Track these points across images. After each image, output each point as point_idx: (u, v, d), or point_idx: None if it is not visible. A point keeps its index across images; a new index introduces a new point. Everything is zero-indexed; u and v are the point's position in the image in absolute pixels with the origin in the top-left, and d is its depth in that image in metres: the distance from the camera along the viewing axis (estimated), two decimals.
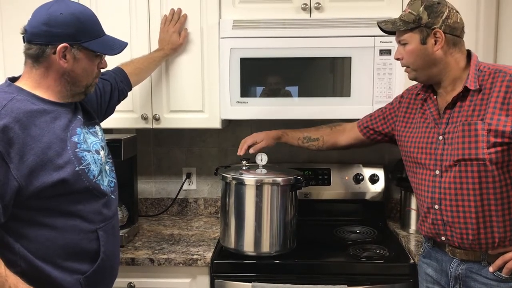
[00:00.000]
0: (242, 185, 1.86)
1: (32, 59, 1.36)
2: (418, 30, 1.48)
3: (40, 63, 1.35)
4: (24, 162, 1.24)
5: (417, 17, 1.47)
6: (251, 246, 1.87)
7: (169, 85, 2.11)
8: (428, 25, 1.47)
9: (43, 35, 1.32)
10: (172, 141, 2.49)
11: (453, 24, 1.48)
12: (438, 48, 1.48)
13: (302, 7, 2.02)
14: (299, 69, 2.01)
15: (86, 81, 1.42)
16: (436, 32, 1.47)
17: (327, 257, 1.92)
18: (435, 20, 1.46)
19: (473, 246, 1.49)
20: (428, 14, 1.46)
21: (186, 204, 2.51)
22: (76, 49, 1.35)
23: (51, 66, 1.35)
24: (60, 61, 1.34)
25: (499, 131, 1.40)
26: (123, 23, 2.05)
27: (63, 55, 1.34)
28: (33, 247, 1.30)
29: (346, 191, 2.33)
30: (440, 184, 1.52)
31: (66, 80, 1.38)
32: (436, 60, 1.49)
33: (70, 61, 1.35)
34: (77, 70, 1.38)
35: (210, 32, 2.06)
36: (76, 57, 1.36)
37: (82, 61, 1.37)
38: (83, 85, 1.42)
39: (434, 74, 1.53)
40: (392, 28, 1.52)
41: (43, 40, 1.33)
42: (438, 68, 1.51)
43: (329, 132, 1.96)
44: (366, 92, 1.99)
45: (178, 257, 1.87)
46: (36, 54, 1.34)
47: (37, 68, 1.36)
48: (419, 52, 1.50)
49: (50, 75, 1.36)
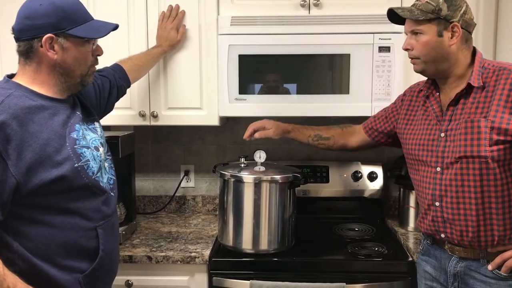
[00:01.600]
0: (240, 183, 1.85)
1: (24, 56, 1.35)
2: (436, 21, 1.45)
3: (31, 58, 1.34)
4: (22, 159, 1.23)
5: (437, 8, 1.43)
6: (249, 244, 1.86)
7: (167, 82, 2.10)
8: (447, 18, 1.44)
9: (27, 29, 1.31)
10: (170, 138, 2.48)
11: (469, 20, 1.47)
12: (454, 42, 1.45)
13: (300, 4, 2.01)
14: (297, 66, 2.00)
15: (80, 70, 1.39)
16: (454, 25, 1.44)
17: (326, 255, 1.92)
18: (454, 13, 1.44)
19: (472, 243, 1.49)
20: (448, 7, 1.43)
21: (184, 202, 2.50)
22: (63, 38, 1.33)
23: (41, 60, 1.34)
24: (48, 53, 1.32)
25: (502, 128, 1.40)
26: (121, 19, 2.02)
27: (51, 47, 1.32)
28: (31, 245, 1.29)
29: (345, 189, 2.32)
30: (441, 181, 1.51)
31: (59, 72, 1.36)
32: (449, 54, 1.47)
33: (59, 52, 1.33)
34: (68, 60, 1.35)
35: (208, 28, 2.05)
36: (64, 46, 1.34)
37: (71, 50, 1.35)
38: (78, 75, 1.40)
39: (443, 69, 1.50)
40: (410, 16, 1.47)
41: (28, 35, 1.31)
42: (448, 63, 1.49)
43: (340, 132, 1.94)
44: (365, 89, 1.98)
45: (176, 255, 1.86)
46: (25, 50, 1.33)
47: (29, 64, 1.35)
48: (434, 45, 1.46)
49: (43, 70, 1.35)
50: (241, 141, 2.21)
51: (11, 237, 1.27)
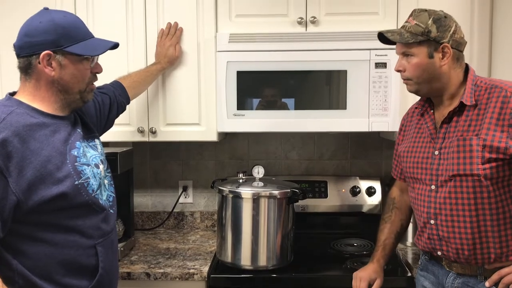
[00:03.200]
0: (239, 198, 1.85)
1: (24, 73, 1.36)
2: (426, 43, 1.45)
3: (30, 75, 1.35)
4: (23, 176, 1.23)
5: (426, 30, 1.44)
6: (248, 260, 1.86)
7: (166, 98, 2.11)
8: (437, 39, 1.44)
9: (26, 46, 1.32)
10: (168, 154, 2.49)
11: (459, 39, 1.48)
12: (445, 62, 1.46)
13: (298, 21, 2.03)
14: (295, 82, 2.02)
15: (78, 87, 1.39)
16: (444, 46, 1.45)
17: (325, 271, 1.91)
18: (443, 34, 1.44)
19: (469, 261, 1.48)
20: (437, 28, 1.44)
21: (183, 218, 2.49)
22: (61, 55, 1.34)
23: (40, 76, 1.34)
24: (46, 70, 1.33)
25: (494, 146, 1.40)
26: (120, 37, 2.05)
27: (48, 63, 1.33)
28: (31, 263, 1.28)
29: (343, 204, 2.32)
30: (435, 199, 1.51)
31: (57, 88, 1.36)
32: (441, 74, 1.48)
33: (56, 69, 1.34)
34: (65, 77, 1.36)
35: (207, 45, 2.07)
36: (62, 63, 1.34)
37: (68, 67, 1.35)
38: (76, 92, 1.39)
39: (436, 88, 1.51)
40: (399, 39, 1.47)
41: (27, 52, 1.33)
42: (441, 83, 1.50)
43: (389, 226, 1.75)
44: (362, 104, 2.00)
45: (174, 271, 1.85)
46: (24, 66, 1.34)
47: (29, 80, 1.36)
48: (425, 66, 1.47)
49: (42, 86, 1.36)
50: (240, 157, 2.24)
51: (11, 255, 1.27)
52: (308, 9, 2.04)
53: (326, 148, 2.45)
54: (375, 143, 2.43)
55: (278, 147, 2.46)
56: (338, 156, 2.46)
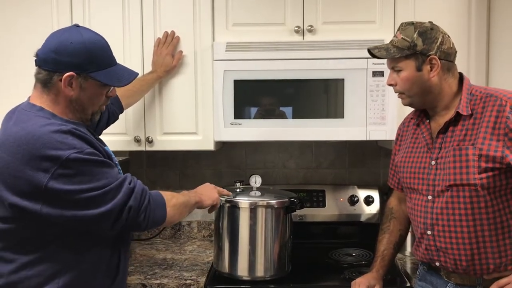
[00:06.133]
0: (236, 208, 1.84)
1: (41, 84, 1.36)
2: (413, 57, 1.45)
3: (49, 89, 1.36)
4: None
5: (412, 44, 1.44)
6: (245, 271, 1.84)
7: (162, 107, 2.10)
8: (423, 52, 1.44)
9: (51, 62, 1.33)
10: (165, 163, 2.48)
11: (447, 49, 1.47)
12: (434, 74, 1.46)
13: (295, 30, 2.03)
14: (292, 91, 2.01)
15: (92, 109, 1.43)
16: (432, 58, 1.44)
17: (323, 281, 1.89)
18: (430, 46, 1.44)
19: (467, 271, 1.47)
20: (423, 41, 1.44)
21: (179, 228, 2.48)
22: (83, 79, 1.35)
23: (59, 93, 1.36)
24: (65, 89, 1.34)
25: (490, 156, 1.39)
26: (116, 45, 2.03)
27: (69, 83, 1.34)
28: (74, 275, 1.35)
29: (341, 213, 2.31)
30: (432, 210, 1.50)
31: (75, 107, 1.39)
32: (432, 86, 1.47)
33: (76, 90, 1.35)
34: (83, 99, 1.38)
35: (204, 54, 2.06)
36: (82, 86, 1.36)
37: (88, 90, 1.37)
38: (89, 113, 1.43)
39: (429, 100, 1.51)
40: (386, 55, 1.48)
41: (50, 67, 1.33)
42: (433, 94, 1.49)
43: (388, 236, 1.73)
44: (360, 113, 1.99)
45: (171, 282, 1.83)
46: (44, 79, 1.35)
47: (47, 94, 1.36)
48: (414, 79, 1.47)
49: (61, 102, 1.37)
50: (237, 166, 2.22)
51: (60, 265, 1.33)
52: (305, 18, 2.04)
53: (324, 157, 2.45)
54: (373, 152, 2.43)
55: (276, 156, 2.45)
56: (336, 165, 2.45)
